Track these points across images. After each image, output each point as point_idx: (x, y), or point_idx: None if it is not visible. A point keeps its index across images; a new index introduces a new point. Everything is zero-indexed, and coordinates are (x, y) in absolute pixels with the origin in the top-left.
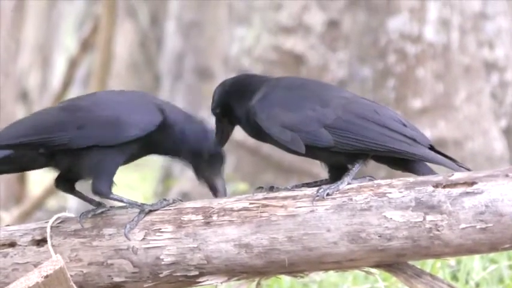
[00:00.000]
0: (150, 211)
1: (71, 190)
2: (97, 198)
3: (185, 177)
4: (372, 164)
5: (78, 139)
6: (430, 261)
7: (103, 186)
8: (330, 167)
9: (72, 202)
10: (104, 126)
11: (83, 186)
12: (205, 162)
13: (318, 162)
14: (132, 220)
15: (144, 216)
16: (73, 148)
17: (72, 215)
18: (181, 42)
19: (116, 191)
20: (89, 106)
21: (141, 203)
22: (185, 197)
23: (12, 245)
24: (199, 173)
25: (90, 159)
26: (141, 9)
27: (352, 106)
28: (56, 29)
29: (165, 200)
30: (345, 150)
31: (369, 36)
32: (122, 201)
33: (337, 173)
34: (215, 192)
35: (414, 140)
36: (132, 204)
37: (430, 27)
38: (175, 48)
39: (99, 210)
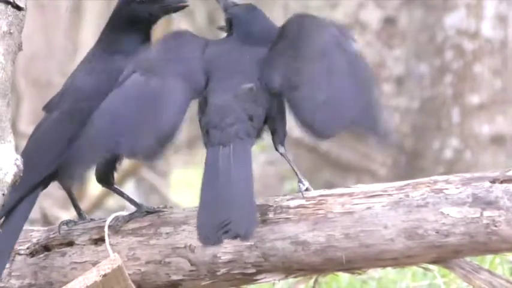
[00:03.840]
0: (148, 212)
1: (69, 190)
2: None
3: None
4: None
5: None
6: (488, 257)
7: (108, 175)
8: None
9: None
10: None
11: None
12: None
13: (377, 159)
14: (126, 216)
15: (137, 216)
16: None
17: (135, 215)
18: None
19: (175, 189)
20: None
21: (140, 203)
22: None
23: (70, 244)
24: None
25: None
26: (198, 8)
27: None
28: None
29: (165, 206)
30: None
31: (425, 32)
32: (122, 195)
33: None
34: None
35: None
36: (131, 202)
37: (487, 23)
38: None
39: (80, 222)
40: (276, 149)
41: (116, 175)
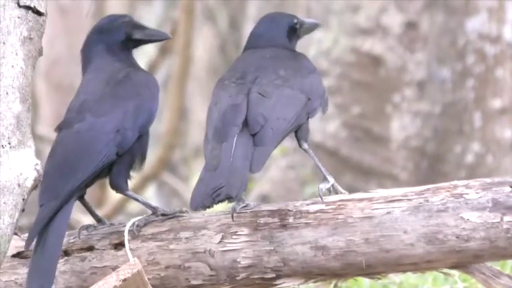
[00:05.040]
0: (163, 215)
1: (82, 200)
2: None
3: (265, 179)
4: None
5: (125, 139)
6: (510, 262)
7: (122, 182)
8: None
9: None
10: (135, 114)
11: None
12: None
13: (398, 163)
14: (142, 218)
15: (154, 219)
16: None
17: (152, 217)
18: None
19: None
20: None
21: (155, 206)
22: (264, 199)
23: (90, 249)
24: None
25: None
26: (220, 13)
27: None
28: None
29: (181, 210)
30: None
31: (447, 37)
32: (137, 200)
33: None
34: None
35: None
36: (146, 205)
37: (509, 27)
38: None
39: (100, 227)
40: (300, 146)
41: (131, 181)
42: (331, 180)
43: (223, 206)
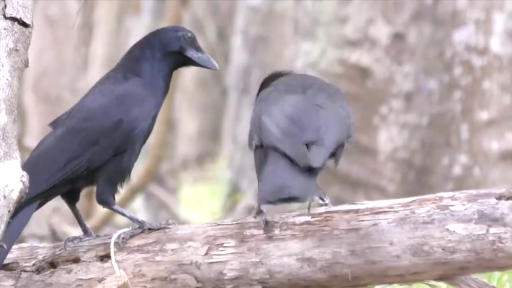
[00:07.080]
0: (149, 229)
1: (73, 207)
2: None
3: (252, 191)
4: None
5: (96, 156)
6: (497, 274)
7: (108, 196)
8: None
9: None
10: (113, 131)
11: None
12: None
13: (386, 175)
14: (128, 231)
15: (140, 232)
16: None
17: (138, 230)
18: (247, 57)
19: (184, 205)
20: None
21: (142, 220)
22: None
23: (76, 260)
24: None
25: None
26: (208, 24)
27: None
28: (125, 45)
29: (167, 222)
30: None
31: (434, 48)
32: (123, 214)
33: None
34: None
35: None
36: (133, 219)
37: (496, 39)
38: (242, 63)
39: (86, 239)
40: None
41: (117, 196)
42: (327, 200)
43: (210, 217)
